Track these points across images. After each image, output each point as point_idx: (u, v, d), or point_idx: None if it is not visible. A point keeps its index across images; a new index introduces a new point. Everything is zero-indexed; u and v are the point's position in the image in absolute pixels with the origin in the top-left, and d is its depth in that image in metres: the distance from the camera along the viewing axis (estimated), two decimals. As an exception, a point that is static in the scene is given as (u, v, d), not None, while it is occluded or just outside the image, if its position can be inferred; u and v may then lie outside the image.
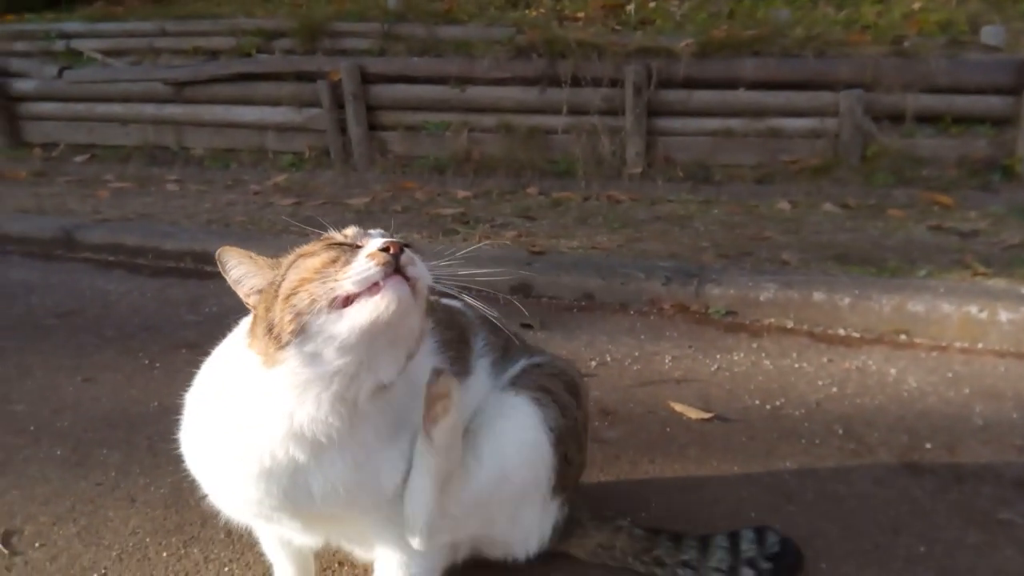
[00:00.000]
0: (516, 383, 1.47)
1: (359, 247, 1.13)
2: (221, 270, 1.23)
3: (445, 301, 1.52)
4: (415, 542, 1.28)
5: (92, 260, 3.73)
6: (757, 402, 2.32)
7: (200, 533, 1.72)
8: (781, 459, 2.01)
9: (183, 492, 1.81)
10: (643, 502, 1.82)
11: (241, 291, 1.23)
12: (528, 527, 1.49)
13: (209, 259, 3.22)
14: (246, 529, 1.51)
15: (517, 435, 1.40)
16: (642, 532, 1.60)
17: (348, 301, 1.08)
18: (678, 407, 2.28)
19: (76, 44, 5.93)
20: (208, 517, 1.49)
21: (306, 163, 5.50)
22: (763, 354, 2.64)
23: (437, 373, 1.22)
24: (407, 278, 1.09)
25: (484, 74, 5.26)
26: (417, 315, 1.15)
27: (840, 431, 2.14)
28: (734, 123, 5.04)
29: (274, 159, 5.58)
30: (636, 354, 2.65)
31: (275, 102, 5.50)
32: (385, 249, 1.09)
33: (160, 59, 5.85)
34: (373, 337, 1.10)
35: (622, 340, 2.76)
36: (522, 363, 1.53)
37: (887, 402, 2.29)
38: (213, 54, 5.76)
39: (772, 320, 2.88)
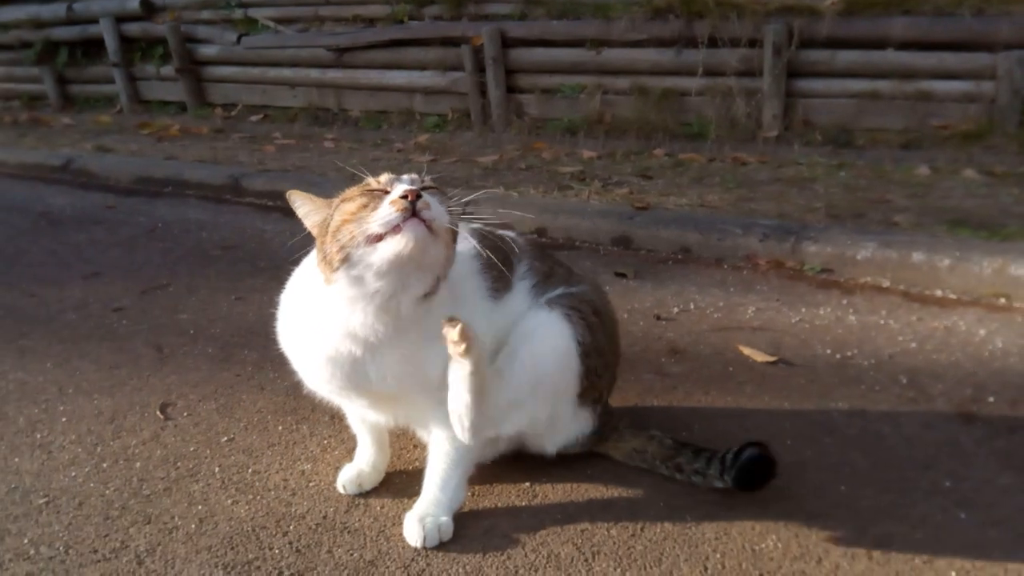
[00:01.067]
0: (551, 302, 1.69)
1: (388, 192, 1.38)
2: (292, 207, 1.52)
3: (500, 231, 1.77)
4: (464, 438, 1.52)
5: (254, 204, 4.27)
6: (828, 351, 2.39)
7: (310, 415, 2.08)
8: (834, 400, 2.10)
9: (301, 386, 2.17)
10: (687, 425, 1.99)
11: (307, 224, 1.53)
12: (560, 426, 1.72)
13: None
14: (340, 413, 1.83)
15: (550, 343, 1.63)
16: (671, 442, 1.78)
17: (379, 238, 1.34)
18: (746, 350, 2.39)
19: (252, 12, 6.58)
20: (317, 404, 1.80)
21: (448, 124, 5.86)
22: (851, 310, 2.68)
23: (450, 322, 1.40)
24: (423, 220, 1.33)
25: (620, 36, 5.34)
26: (438, 247, 1.38)
27: (904, 380, 2.18)
28: (881, 85, 4.85)
29: (420, 120, 5.99)
30: (720, 304, 2.77)
31: (422, 66, 5.88)
32: (404, 196, 1.33)
33: (324, 26, 6.38)
34: (401, 266, 1.36)
35: (710, 291, 2.88)
36: (560, 290, 1.73)
37: (964, 359, 2.30)
38: (370, 21, 6.22)
39: (868, 279, 2.89)
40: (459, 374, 1.46)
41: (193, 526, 1.66)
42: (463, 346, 1.39)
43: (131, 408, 2.16)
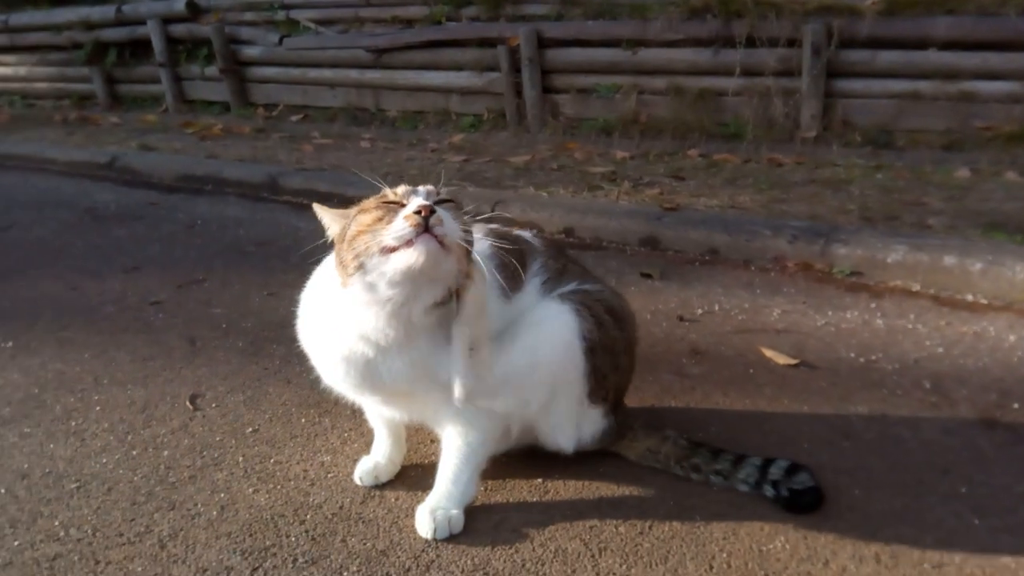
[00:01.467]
0: (563, 295, 1.71)
1: (404, 205, 1.42)
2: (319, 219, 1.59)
3: (516, 231, 1.81)
4: (457, 396, 1.54)
5: (290, 202, 4.36)
6: (852, 355, 2.37)
7: (332, 409, 2.12)
8: (855, 404, 2.08)
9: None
10: (703, 426, 1.99)
11: (328, 233, 1.59)
12: (564, 422, 1.73)
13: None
14: (360, 408, 1.88)
15: (552, 331, 1.64)
16: (686, 442, 1.79)
17: (393, 250, 1.39)
18: (768, 352, 2.38)
19: (295, 14, 6.71)
20: (339, 399, 1.83)
21: (484, 124, 5.90)
22: (879, 314, 2.65)
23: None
24: (435, 236, 1.37)
25: (657, 36, 5.32)
26: (450, 261, 1.42)
27: (928, 385, 2.16)
28: (922, 86, 4.76)
29: (456, 121, 6.04)
30: (746, 306, 2.76)
31: (459, 67, 5.93)
32: (418, 211, 1.37)
33: (364, 27, 6.47)
34: (413, 278, 1.40)
35: (736, 293, 2.87)
36: (573, 285, 1.75)
37: (992, 364, 2.26)
38: (409, 23, 6.29)
39: (898, 282, 2.85)
40: (456, 327, 1.49)
41: (215, 513, 1.71)
42: (471, 280, 1.45)
43: (162, 398, 2.24)
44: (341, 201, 4.35)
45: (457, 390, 1.53)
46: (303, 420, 2.10)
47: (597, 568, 1.51)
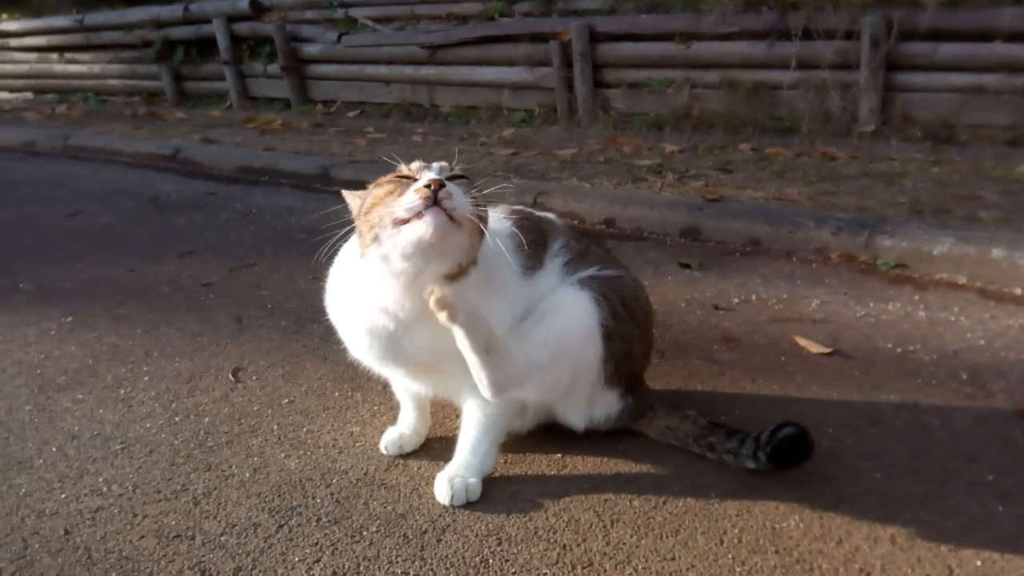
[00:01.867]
0: (583, 282, 1.73)
1: (416, 180, 1.47)
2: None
3: (539, 212, 1.85)
4: (487, 395, 1.60)
5: (340, 192, 4.46)
6: (889, 345, 2.33)
7: (364, 384, 2.19)
8: (886, 393, 2.05)
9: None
10: (727, 410, 1.99)
11: (352, 212, 1.64)
12: (578, 403, 1.77)
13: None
14: (389, 383, 1.94)
15: (574, 318, 1.68)
16: (704, 422, 1.79)
17: (405, 221, 1.44)
18: (802, 341, 2.36)
19: (353, 12, 6.85)
20: (371, 375, 1.90)
21: (535, 119, 5.94)
22: (921, 306, 2.59)
23: (430, 292, 1.47)
24: (444, 209, 1.41)
25: (710, 29, 5.27)
26: (460, 235, 1.46)
27: (964, 376, 2.11)
28: (986, 79, 4.61)
29: (508, 116, 6.09)
30: (784, 296, 2.73)
31: (511, 62, 5.98)
32: (428, 185, 1.42)
33: (419, 24, 6.58)
34: (424, 250, 1.45)
35: (776, 283, 2.84)
36: (593, 270, 1.77)
37: (1035, 357, 2.20)
38: (463, 19, 6.37)
39: (943, 275, 2.78)
40: (458, 339, 1.52)
41: (247, 475, 1.80)
42: (443, 314, 1.46)
43: (207, 371, 2.34)
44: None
45: (486, 391, 1.57)
46: (336, 394, 2.17)
47: (608, 537, 1.53)
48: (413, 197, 1.43)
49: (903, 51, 4.75)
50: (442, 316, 1.46)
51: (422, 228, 1.42)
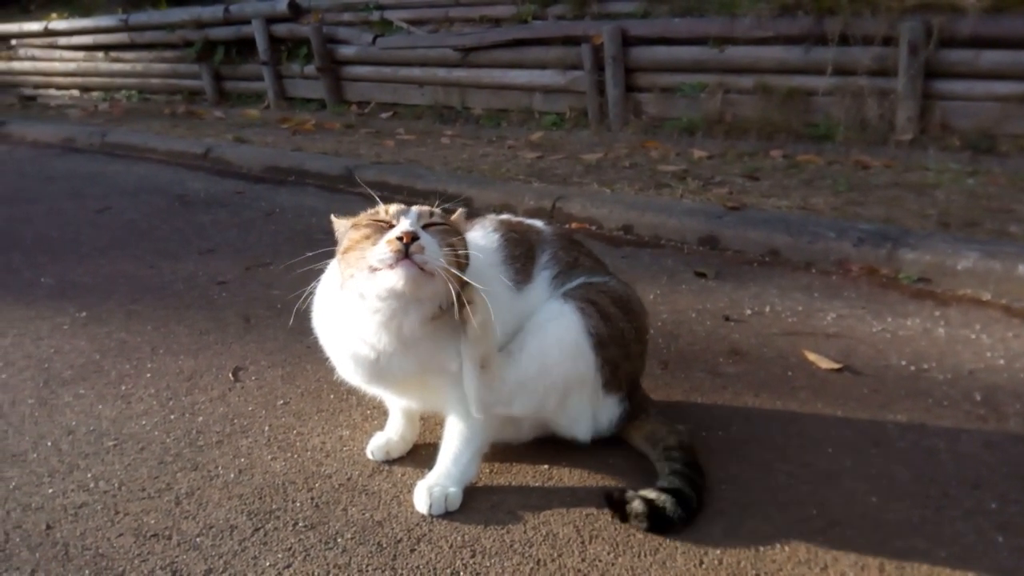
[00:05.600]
0: (567, 294, 1.70)
1: (392, 226, 1.47)
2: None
3: (528, 221, 1.82)
4: (474, 411, 1.60)
5: (363, 193, 4.48)
6: (903, 363, 2.24)
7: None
8: (893, 412, 1.97)
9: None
10: (725, 424, 1.94)
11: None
12: (579, 414, 1.73)
13: (449, 197, 3.77)
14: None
15: (558, 335, 1.65)
16: (688, 442, 1.72)
17: (377, 269, 1.44)
18: (812, 356, 2.29)
19: (388, 14, 6.89)
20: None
21: (566, 123, 5.89)
22: (941, 322, 2.50)
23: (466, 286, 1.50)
24: (416, 262, 1.41)
25: (745, 33, 5.18)
26: (435, 284, 1.46)
27: (978, 398, 2.02)
28: (1031, 88, 4.46)
29: (539, 119, 6.05)
30: (799, 308, 2.65)
31: (543, 65, 5.94)
32: (400, 238, 1.41)
33: (453, 27, 6.58)
34: (397, 296, 1.45)
35: (792, 295, 2.76)
36: (581, 279, 1.74)
37: (1057, 380, 2.09)
38: (496, 22, 6.36)
39: (967, 291, 2.68)
40: (463, 343, 1.52)
41: (232, 476, 1.79)
42: (474, 306, 1.47)
43: (208, 369, 2.36)
44: (410, 192, 4.46)
45: (473, 406, 1.57)
46: (331, 396, 2.17)
47: (584, 553, 1.49)
48: (385, 249, 1.43)
49: (943, 58, 4.61)
50: (468, 308, 1.47)
51: (393, 279, 1.42)
